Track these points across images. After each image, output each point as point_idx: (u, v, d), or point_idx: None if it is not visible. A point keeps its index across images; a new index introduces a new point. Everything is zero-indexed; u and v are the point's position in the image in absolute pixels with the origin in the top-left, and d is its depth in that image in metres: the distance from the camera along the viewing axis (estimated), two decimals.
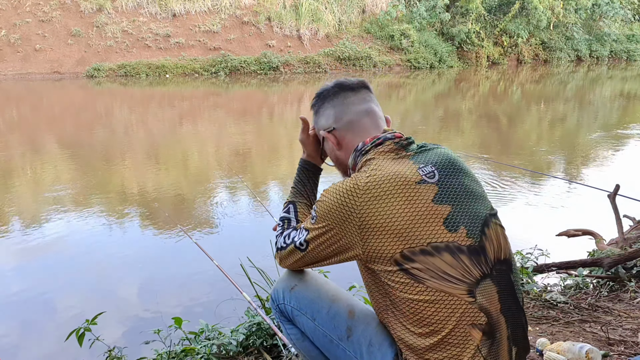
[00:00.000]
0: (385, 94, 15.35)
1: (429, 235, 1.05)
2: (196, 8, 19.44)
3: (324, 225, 1.13)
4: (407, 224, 1.05)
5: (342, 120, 1.28)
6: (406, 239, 1.05)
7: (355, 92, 1.29)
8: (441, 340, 1.05)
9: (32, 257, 3.91)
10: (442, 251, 1.05)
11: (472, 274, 1.06)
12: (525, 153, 7.51)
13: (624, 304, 2.37)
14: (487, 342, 1.07)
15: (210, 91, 15.56)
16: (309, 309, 1.26)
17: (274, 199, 5.33)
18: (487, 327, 1.07)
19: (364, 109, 1.28)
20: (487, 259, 1.09)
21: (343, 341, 1.21)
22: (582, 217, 4.40)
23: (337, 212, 1.11)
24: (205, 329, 2.17)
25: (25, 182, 6.05)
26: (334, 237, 1.12)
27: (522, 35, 22.85)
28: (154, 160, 7.29)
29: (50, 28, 17.94)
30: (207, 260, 2.46)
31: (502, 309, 1.10)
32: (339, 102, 1.29)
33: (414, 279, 1.05)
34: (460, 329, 1.05)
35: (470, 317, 1.05)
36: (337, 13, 21.01)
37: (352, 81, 1.31)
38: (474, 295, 1.06)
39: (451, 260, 1.05)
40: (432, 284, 1.04)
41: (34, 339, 2.86)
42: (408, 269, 1.05)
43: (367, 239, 1.07)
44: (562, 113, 11.77)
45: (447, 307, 1.04)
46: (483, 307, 1.07)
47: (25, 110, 11.98)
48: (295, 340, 1.32)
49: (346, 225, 1.09)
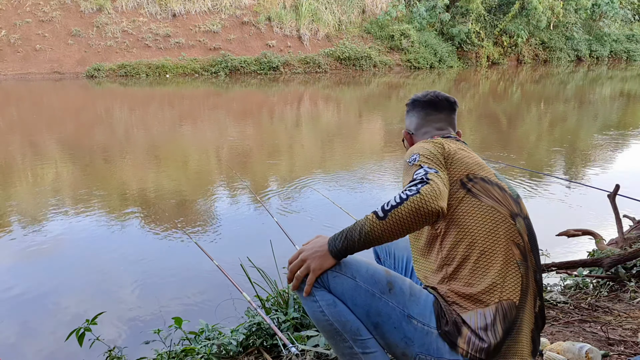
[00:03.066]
0: (385, 94, 15.35)
1: (486, 174, 1.39)
2: (196, 8, 19.45)
3: (427, 157, 1.37)
4: (472, 161, 1.39)
5: (419, 130, 1.62)
6: (471, 168, 1.38)
7: (438, 111, 1.61)
8: (489, 246, 1.28)
9: (32, 257, 3.91)
10: (494, 185, 1.37)
11: (513, 207, 1.35)
12: (525, 153, 7.52)
13: (623, 304, 2.37)
14: (524, 264, 1.30)
15: (210, 91, 15.57)
16: (348, 269, 1.29)
17: (273, 199, 5.33)
18: (523, 250, 1.31)
19: (439, 126, 1.60)
20: (521, 209, 1.38)
21: (385, 294, 1.29)
22: (582, 217, 4.40)
23: (432, 148, 1.40)
24: (205, 329, 2.17)
25: (25, 182, 6.05)
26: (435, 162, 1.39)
27: (522, 35, 22.86)
28: (154, 160, 7.29)
29: (51, 28, 17.95)
30: (207, 260, 2.46)
31: (531, 249, 1.34)
32: (422, 116, 1.62)
33: (472, 194, 1.33)
34: (505, 242, 1.29)
35: (512, 234, 1.31)
36: (337, 13, 21.02)
37: (440, 100, 1.61)
38: (515, 220, 1.33)
39: (499, 191, 1.36)
40: (485, 200, 1.33)
41: (34, 339, 2.86)
42: (469, 187, 1.34)
43: (447, 165, 1.37)
44: (562, 113, 11.77)
45: (494, 220, 1.31)
46: (520, 233, 1.32)
47: (26, 110, 11.98)
48: (325, 307, 1.27)
49: (439, 155, 1.38)
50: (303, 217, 4.72)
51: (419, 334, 1.27)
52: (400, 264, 1.68)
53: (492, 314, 1.24)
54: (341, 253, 1.26)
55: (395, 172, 6.29)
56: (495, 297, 1.25)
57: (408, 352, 1.28)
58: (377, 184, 5.83)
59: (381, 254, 1.74)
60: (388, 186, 5.70)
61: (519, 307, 1.26)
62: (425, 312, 1.28)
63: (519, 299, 1.26)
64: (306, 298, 1.29)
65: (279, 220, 3.27)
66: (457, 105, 1.64)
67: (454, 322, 1.25)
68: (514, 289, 1.26)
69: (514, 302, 1.25)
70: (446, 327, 1.25)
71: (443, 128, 1.59)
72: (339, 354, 1.33)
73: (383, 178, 6.09)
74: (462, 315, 1.26)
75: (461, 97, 14.43)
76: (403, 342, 1.27)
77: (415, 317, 1.28)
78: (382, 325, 1.27)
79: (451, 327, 1.25)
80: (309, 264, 1.27)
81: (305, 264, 1.27)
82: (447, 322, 1.26)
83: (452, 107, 1.62)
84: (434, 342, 1.26)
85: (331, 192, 5.30)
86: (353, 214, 3.32)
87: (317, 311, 1.28)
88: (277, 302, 2.29)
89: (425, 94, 1.62)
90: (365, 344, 1.28)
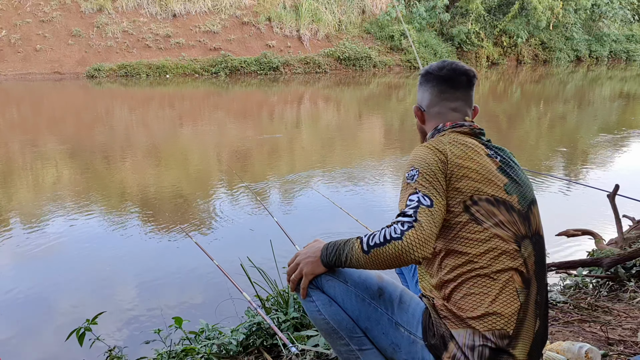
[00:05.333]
0: (385, 95, 15.35)
1: (492, 190, 1.28)
2: (196, 8, 19.45)
3: (425, 178, 1.26)
4: (478, 177, 1.28)
5: (432, 109, 1.46)
6: (477, 187, 1.27)
7: (454, 89, 1.43)
8: (488, 274, 1.23)
9: (32, 257, 3.91)
10: (500, 205, 1.27)
11: (520, 230, 1.27)
12: (525, 153, 7.52)
13: (623, 304, 2.37)
14: (524, 291, 1.25)
15: (210, 91, 15.57)
16: (341, 274, 1.32)
17: (273, 198, 5.34)
18: (525, 277, 1.25)
19: (454, 106, 1.44)
20: (530, 226, 1.30)
21: (375, 299, 1.31)
22: (581, 217, 4.40)
23: (434, 164, 1.27)
24: (205, 329, 2.17)
25: (25, 182, 6.05)
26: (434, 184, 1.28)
27: (522, 35, 22.85)
28: (155, 160, 7.30)
29: (51, 28, 17.95)
30: (207, 260, 2.46)
31: (535, 272, 1.28)
32: (436, 93, 1.44)
33: (475, 220, 1.25)
34: (505, 270, 1.23)
35: (514, 261, 1.24)
36: (337, 13, 21.02)
37: (458, 75, 1.43)
38: (520, 246, 1.26)
39: (506, 213, 1.27)
40: (489, 226, 1.25)
41: (35, 339, 2.86)
42: (472, 212, 1.26)
43: (449, 184, 1.27)
44: (561, 113, 11.78)
45: (496, 248, 1.24)
46: (524, 259, 1.26)
47: (26, 110, 11.98)
48: (321, 307, 1.32)
49: (439, 173, 1.27)
50: (303, 217, 4.72)
51: (406, 341, 1.28)
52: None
53: (481, 338, 1.21)
54: (330, 265, 1.30)
55: (395, 172, 6.30)
56: (488, 326, 1.22)
57: (396, 358, 1.30)
58: (377, 183, 5.84)
59: None
60: (388, 186, 5.70)
61: (512, 337, 1.22)
62: (413, 321, 1.29)
63: (513, 329, 1.22)
64: (303, 299, 1.35)
65: (279, 220, 3.27)
66: (477, 78, 1.46)
67: (441, 336, 1.24)
68: (509, 319, 1.22)
69: (507, 333, 1.22)
70: (432, 340, 1.25)
71: (458, 109, 1.42)
72: (337, 352, 1.37)
73: (383, 178, 6.09)
74: (451, 330, 1.24)
75: None
76: (391, 348, 1.30)
77: (403, 324, 1.29)
78: (372, 329, 1.31)
79: (438, 340, 1.24)
80: (302, 268, 1.32)
81: (299, 268, 1.33)
82: (435, 334, 1.25)
83: (471, 82, 1.44)
84: (419, 351, 1.27)
85: (331, 192, 5.30)
86: (353, 214, 3.32)
87: (314, 311, 1.33)
88: (277, 302, 2.30)
89: (441, 66, 1.44)
90: (361, 341, 1.32)
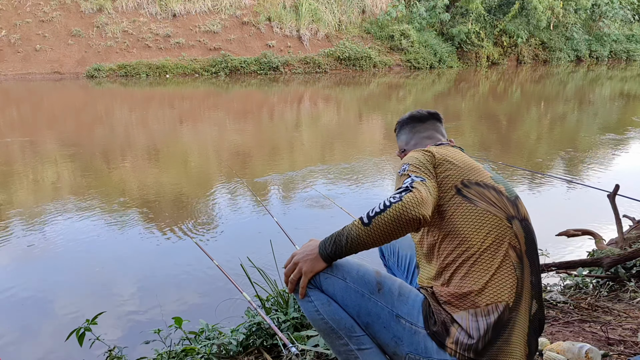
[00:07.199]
0: (385, 95, 15.35)
1: (481, 178, 1.38)
2: (196, 8, 19.45)
3: (416, 166, 1.39)
4: (466, 166, 1.39)
5: (410, 145, 1.67)
6: (465, 174, 1.37)
7: (422, 122, 1.67)
8: (485, 249, 1.28)
9: (32, 257, 3.91)
10: (490, 188, 1.36)
11: (510, 210, 1.35)
12: (525, 153, 7.52)
13: (623, 304, 2.37)
14: (520, 266, 1.30)
15: (210, 91, 15.57)
16: (339, 271, 1.33)
17: (273, 199, 5.33)
18: (519, 253, 1.31)
19: (427, 134, 1.65)
20: (519, 211, 1.37)
21: (374, 294, 1.32)
22: (582, 217, 4.40)
23: (422, 157, 1.41)
24: (205, 329, 2.17)
25: (25, 182, 6.05)
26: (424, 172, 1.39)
27: (522, 35, 22.86)
28: (154, 160, 7.30)
29: (51, 28, 17.95)
30: (207, 260, 2.46)
31: (526, 251, 1.33)
32: (409, 130, 1.68)
33: (467, 200, 1.33)
34: (500, 244, 1.29)
35: (508, 236, 1.31)
36: (337, 13, 21.02)
37: (422, 113, 1.68)
38: (511, 223, 1.33)
39: (495, 195, 1.36)
40: (480, 204, 1.33)
41: (34, 339, 2.86)
42: (464, 194, 1.34)
43: (439, 173, 1.38)
44: (561, 113, 11.77)
45: (490, 223, 1.31)
46: (516, 235, 1.32)
47: (26, 110, 11.99)
48: (320, 306, 1.32)
49: (428, 164, 1.39)
50: (303, 217, 4.72)
51: (407, 333, 1.30)
52: (404, 262, 1.71)
53: (483, 314, 1.25)
54: (331, 257, 1.31)
55: (395, 172, 6.29)
56: (489, 299, 1.26)
57: (398, 352, 1.31)
58: (377, 183, 5.84)
59: (385, 252, 1.78)
60: (388, 186, 5.70)
61: (512, 308, 1.27)
62: (413, 311, 1.31)
63: (513, 301, 1.27)
64: (301, 299, 1.35)
65: (279, 220, 3.27)
66: (441, 116, 1.68)
67: (442, 322, 1.27)
68: (508, 291, 1.27)
69: (508, 304, 1.26)
70: (434, 328, 1.27)
71: (432, 137, 1.63)
72: (336, 352, 1.37)
73: (383, 178, 6.09)
74: (453, 314, 1.27)
75: (461, 97, 14.44)
76: (393, 342, 1.31)
77: (404, 316, 1.31)
78: (373, 324, 1.32)
79: (439, 327, 1.27)
80: (301, 267, 1.32)
81: (297, 268, 1.33)
82: (435, 322, 1.28)
83: (435, 117, 1.67)
84: (422, 341, 1.28)
85: (331, 192, 5.30)
86: (353, 214, 3.32)
87: (312, 311, 1.34)
88: (277, 302, 2.30)
89: (407, 113, 1.70)
90: (360, 341, 1.32)
